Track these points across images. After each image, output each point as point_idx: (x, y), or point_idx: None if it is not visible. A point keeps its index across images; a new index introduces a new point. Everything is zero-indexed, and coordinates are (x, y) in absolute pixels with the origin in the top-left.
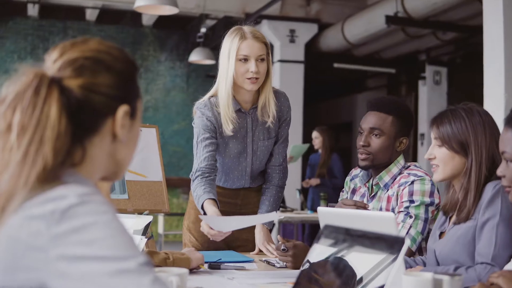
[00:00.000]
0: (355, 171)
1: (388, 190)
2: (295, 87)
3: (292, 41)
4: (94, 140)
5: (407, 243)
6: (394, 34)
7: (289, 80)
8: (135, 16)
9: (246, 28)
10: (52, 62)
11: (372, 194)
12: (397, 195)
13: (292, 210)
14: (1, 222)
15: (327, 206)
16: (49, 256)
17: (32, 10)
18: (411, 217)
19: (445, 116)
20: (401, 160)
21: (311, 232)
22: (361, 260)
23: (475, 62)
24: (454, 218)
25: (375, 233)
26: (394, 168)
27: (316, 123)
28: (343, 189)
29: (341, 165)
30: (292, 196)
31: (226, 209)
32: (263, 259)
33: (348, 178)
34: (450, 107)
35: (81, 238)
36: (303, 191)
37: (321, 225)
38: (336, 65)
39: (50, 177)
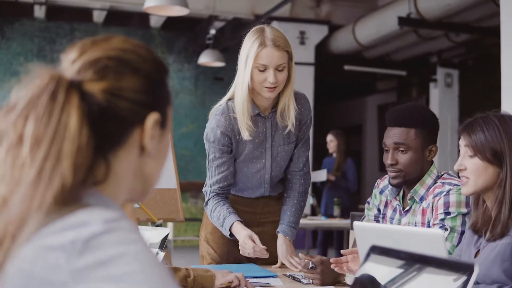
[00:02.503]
0: (383, 183)
1: (422, 202)
2: (305, 90)
3: (302, 43)
4: (120, 154)
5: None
6: (405, 36)
7: (299, 82)
8: (143, 17)
9: (269, 33)
10: (70, 63)
11: (406, 208)
12: (432, 206)
13: (305, 216)
14: (11, 253)
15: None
16: None
17: (39, 11)
18: (446, 229)
19: (477, 124)
20: (434, 170)
21: (324, 238)
22: None
23: (487, 64)
24: (488, 234)
25: (436, 258)
26: (428, 179)
27: (326, 126)
28: (368, 201)
29: (355, 169)
30: None
31: (245, 219)
32: (288, 274)
33: (376, 191)
34: (480, 114)
35: (108, 273)
36: (317, 196)
37: (357, 241)
38: (346, 67)
39: (69, 198)
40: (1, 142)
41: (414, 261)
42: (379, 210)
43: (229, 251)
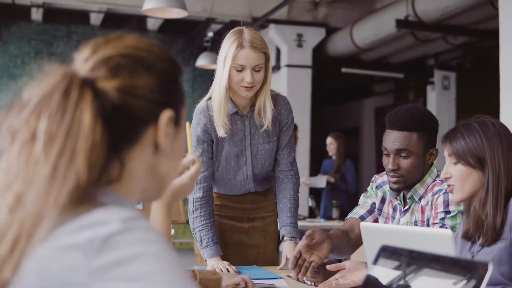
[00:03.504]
0: (381, 179)
1: (421, 201)
2: (302, 92)
3: (299, 45)
4: (134, 152)
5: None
6: (403, 39)
7: (297, 85)
8: (140, 20)
9: (247, 34)
10: (83, 61)
11: (406, 207)
12: (431, 204)
13: (304, 218)
14: (28, 252)
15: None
16: None
17: (36, 14)
18: (447, 229)
19: (458, 131)
20: (434, 170)
21: None
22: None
23: (484, 66)
24: (481, 239)
25: (448, 257)
26: (428, 179)
27: (322, 128)
28: (367, 190)
29: (354, 171)
30: (302, 203)
31: (235, 215)
32: (291, 275)
33: (373, 185)
34: (462, 121)
35: (126, 272)
36: (315, 198)
37: (364, 242)
38: (344, 70)
39: (85, 196)
40: (14, 140)
41: (426, 260)
42: (373, 203)
43: (223, 251)
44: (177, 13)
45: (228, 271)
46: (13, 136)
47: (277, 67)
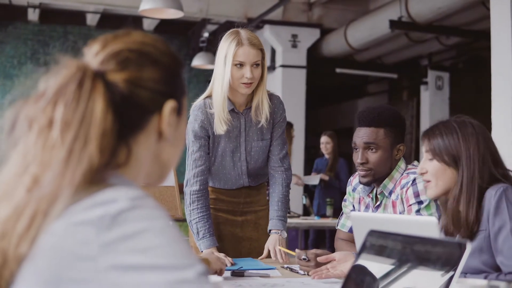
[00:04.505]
0: (355, 180)
1: (391, 195)
2: (297, 93)
3: (294, 46)
4: (140, 139)
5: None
6: (397, 39)
7: (291, 85)
8: (136, 21)
9: (243, 34)
10: (94, 55)
11: (377, 203)
12: (401, 198)
13: (298, 216)
14: (44, 229)
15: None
16: (99, 266)
17: (33, 14)
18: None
19: (437, 129)
20: (402, 165)
21: (316, 237)
22: (417, 274)
23: (477, 67)
24: (458, 236)
25: (431, 238)
26: (396, 174)
27: (317, 128)
28: (345, 199)
29: (347, 169)
30: (296, 201)
31: (230, 208)
32: (286, 266)
33: (349, 188)
34: (442, 120)
35: (135, 245)
36: (309, 196)
37: (354, 230)
38: (338, 70)
39: (96, 178)
40: (32, 126)
41: (411, 243)
42: (354, 206)
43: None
44: (173, 14)
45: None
46: (31, 124)
47: (272, 68)
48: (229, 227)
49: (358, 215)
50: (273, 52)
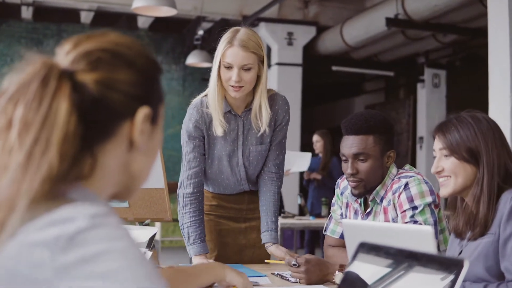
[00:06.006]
0: (343, 183)
1: (382, 202)
2: (293, 91)
3: (290, 43)
4: (107, 147)
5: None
6: (393, 37)
7: (287, 83)
8: (131, 18)
9: (240, 34)
10: (65, 54)
11: (368, 210)
12: (393, 204)
13: (293, 216)
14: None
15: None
16: None
17: (26, 12)
18: (427, 225)
19: (451, 124)
20: (393, 170)
21: (311, 238)
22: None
23: (474, 64)
24: (469, 234)
25: (426, 254)
26: (388, 180)
27: (313, 126)
28: (333, 203)
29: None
30: (291, 201)
31: (232, 215)
32: (276, 272)
33: (337, 191)
34: (454, 114)
35: (93, 269)
36: (304, 195)
37: (346, 239)
38: (334, 68)
39: (55, 192)
40: None
41: (404, 257)
42: (341, 214)
43: (217, 250)
44: (166, 11)
45: None
46: None
47: (267, 65)
48: (231, 234)
49: (350, 222)
50: (268, 50)
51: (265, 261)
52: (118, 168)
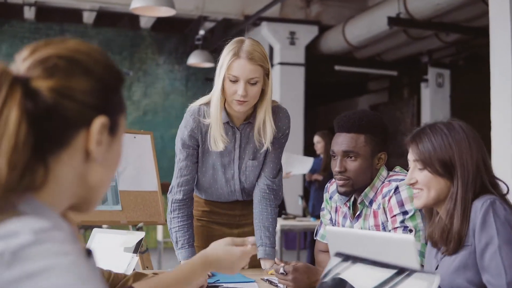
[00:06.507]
0: (332, 188)
1: (372, 205)
2: (295, 90)
3: (292, 43)
4: (62, 157)
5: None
6: (396, 36)
7: (290, 83)
8: (133, 18)
9: (246, 45)
10: (22, 61)
11: (357, 213)
12: (383, 208)
13: (294, 217)
14: None
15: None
16: None
17: (29, 12)
18: (410, 231)
19: (424, 134)
20: (383, 172)
21: (313, 240)
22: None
23: (477, 64)
24: (443, 248)
25: (399, 267)
26: (377, 182)
27: (316, 126)
28: (323, 207)
29: None
30: (293, 202)
31: (225, 221)
32: (265, 278)
33: (326, 196)
34: (428, 123)
35: (37, 285)
36: (305, 195)
37: (330, 246)
38: (337, 67)
39: (4, 203)
40: None
41: (380, 269)
42: (331, 219)
43: None
44: (165, 12)
45: None
46: None
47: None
48: None
49: (333, 230)
50: (271, 49)
51: (269, 273)
52: (74, 179)
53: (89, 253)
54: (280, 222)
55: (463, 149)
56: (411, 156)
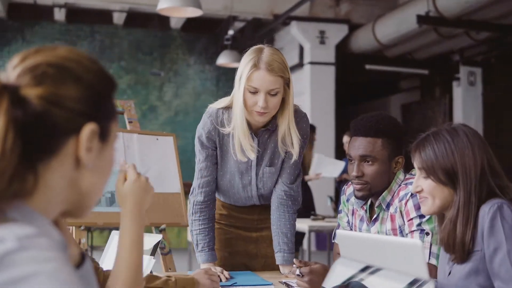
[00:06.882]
0: (349, 190)
1: (389, 209)
2: (326, 90)
3: (322, 42)
4: (52, 164)
5: (433, 263)
6: (426, 34)
7: (320, 82)
8: (163, 19)
9: (265, 55)
10: (12, 68)
11: (374, 216)
12: (400, 211)
13: (323, 218)
14: None
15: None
16: None
17: (59, 14)
18: (427, 234)
19: (428, 143)
20: (400, 175)
21: None
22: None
23: (510, 62)
24: (452, 255)
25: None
26: (395, 186)
27: (348, 126)
28: (340, 210)
29: None
30: (323, 202)
31: (243, 225)
32: (283, 281)
33: (343, 198)
34: (433, 129)
35: None
36: (335, 194)
37: (340, 249)
38: (368, 66)
39: None
40: None
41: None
42: (348, 221)
43: (227, 257)
44: (192, 12)
45: (220, 278)
46: None
47: (300, 65)
48: (242, 242)
49: (343, 233)
50: (301, 49)
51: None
52: (65, 186)
53: (83, 257)
54: (308, 223)
55: (466, 156)
56: (415, 164)
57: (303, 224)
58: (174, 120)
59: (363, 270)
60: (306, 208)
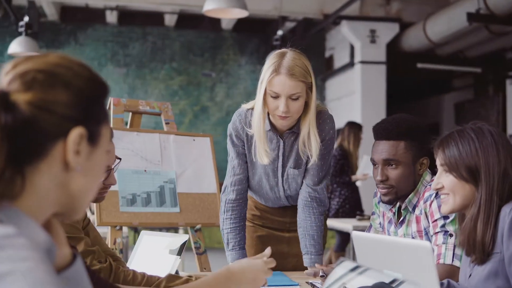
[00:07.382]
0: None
1: (415, 210)
2: (377, 89)
3: (372, 41)
4: (40, 167)
5: (457, 264)
6: (477, 32)
7: (371, 81)
8: (214, 20)
9: (287, 59)
10: (4, 75)
11: (401, 219)
12: (425, 213)
13: (368, 218)
14: None
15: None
16: None
17: (111, 16)
18: (451, 235)
19: (452, 139)
20: (427, 177)
21: None
22: None
23: None
24: (473, 256)
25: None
26: (421, 187)
27: None
28: (373, 211)
29: None
30: (370, 202)
31: (275, 226)
32: (309, 281)
33: (375, 200)
34: (457, 127)
35: None
36: None
37: (356, 251)
38: (419, 65)
39: None
40: None
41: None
42: (380, 223)
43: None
44: (238, 13)
45: None
46: None
47: (351, 64)
48: (274, 242)
49: (359, 235)
50: (351, 48)
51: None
52: (54, 188)
53: (74, 257)
54: (353, 223)
55: (490, 155)
56: (438, 161)
57: (347, 224)
58: (226, 121)
59: (353, 269)
60: (353, 208)
